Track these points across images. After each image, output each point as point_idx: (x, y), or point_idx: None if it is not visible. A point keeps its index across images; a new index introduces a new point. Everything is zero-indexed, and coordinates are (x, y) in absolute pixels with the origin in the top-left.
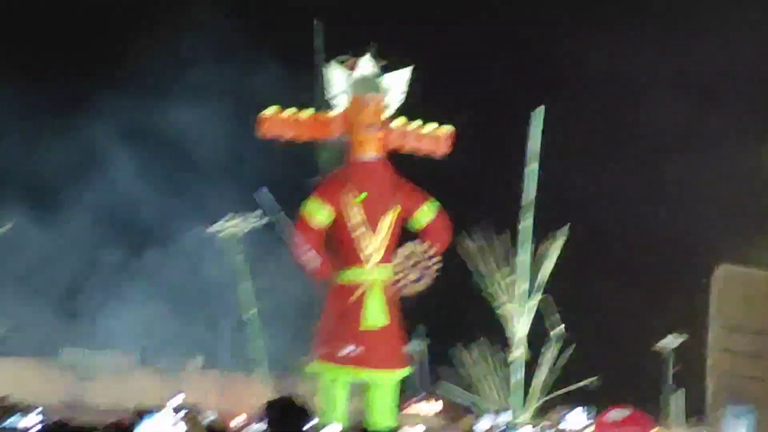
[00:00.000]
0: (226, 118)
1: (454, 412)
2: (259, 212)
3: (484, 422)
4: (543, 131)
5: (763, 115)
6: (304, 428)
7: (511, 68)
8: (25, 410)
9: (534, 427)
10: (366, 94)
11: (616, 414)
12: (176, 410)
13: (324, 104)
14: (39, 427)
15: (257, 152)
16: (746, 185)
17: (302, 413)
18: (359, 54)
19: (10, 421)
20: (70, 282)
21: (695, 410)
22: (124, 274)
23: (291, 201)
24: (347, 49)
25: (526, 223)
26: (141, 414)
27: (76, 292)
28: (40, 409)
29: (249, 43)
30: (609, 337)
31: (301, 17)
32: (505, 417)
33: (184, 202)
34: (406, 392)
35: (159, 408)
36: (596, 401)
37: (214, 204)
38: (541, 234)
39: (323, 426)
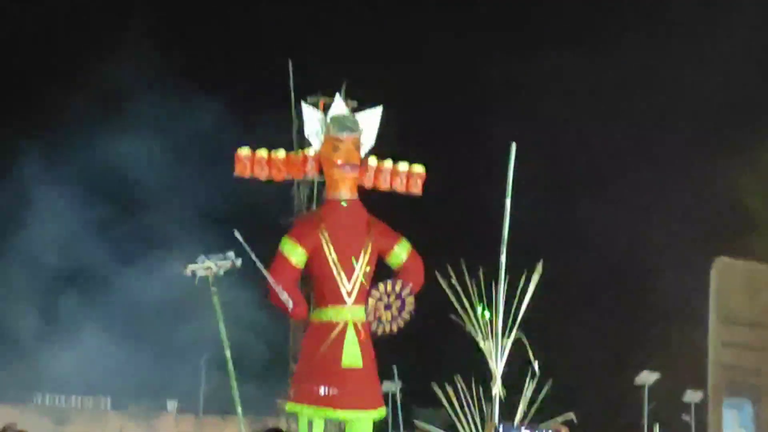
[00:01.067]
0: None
1: None
2: (231, 254)
3: None
4: (516, 167)
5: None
6: None
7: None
8: None
9: None
10: (339, 134)
11: None
12: None
13: (298, 144)
14: None
15: (229, 193)
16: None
17: None
18: (330, 93)
19: None
20: (42, 326)
21: None
22: (96, 318)
23: (264, 242)
24: (317, 89)
25: (501, 260)
26: None
27: (47, 337)
28: None
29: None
30: (586, 372)
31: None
32: None
33: (157, 244)
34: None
35: None
36: None
37: (187, 246)
38: (516, 270)
39: None
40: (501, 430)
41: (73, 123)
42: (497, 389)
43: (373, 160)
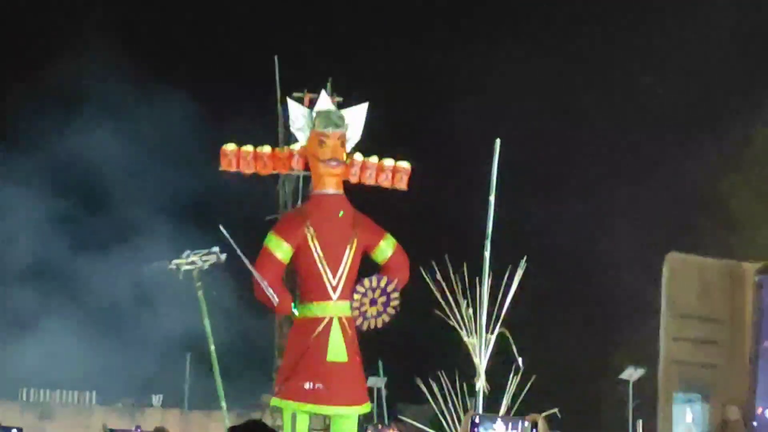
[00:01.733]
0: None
1: None
2: (216, 249)
3: None
4: (500, 163)
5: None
6: None
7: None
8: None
9: None
10: (325, 130)
11: None
12: None
13: (284, 140)
14: None
15: (214, 189)
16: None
17: None
18: (316, 89)
19: None
20: (26, 322)
21: None
22: (80, 313)
23: (249, 238)
24: (303, 85)
25: (485, 255)
26: None
27: (31, 331)
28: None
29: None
30: (569, 368)
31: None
32: None
33: (143, 240)
34: (365, 426)
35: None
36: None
37: (172, 242)
38: (499, 266)
39: None
40: (478, 420)
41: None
42: (481, 384)
43: (358, 156)
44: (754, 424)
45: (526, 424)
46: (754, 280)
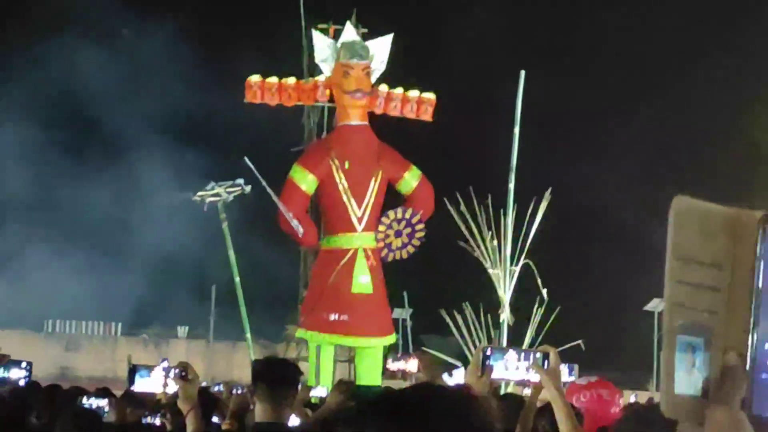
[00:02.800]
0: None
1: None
2: (241, 181)
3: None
4: (525, 95)
5: None
6: (294, 386)
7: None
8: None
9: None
10: (350, 61)
11: (584, 378)
12: (166, 370)
13: (309, 71)
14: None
15: (240, 120)
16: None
17: (291, 371)
18: (340, 21)
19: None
20: (51, 253)
21: None
22: (107, 244)
23: (274, 169)
24: (328, 16)
25: (510, 187)
26: (134, 370)
27: (59, 263)
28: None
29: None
30: (593, 300)
31: None
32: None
33: (165, 170)
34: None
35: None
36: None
37: (197, 172)
38: (524, 198)
39: (310, 389)
40: (489, 352)
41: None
42: (505, 316)
43: (383, 87)
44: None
45: (538, 355)
46: (757, 228)
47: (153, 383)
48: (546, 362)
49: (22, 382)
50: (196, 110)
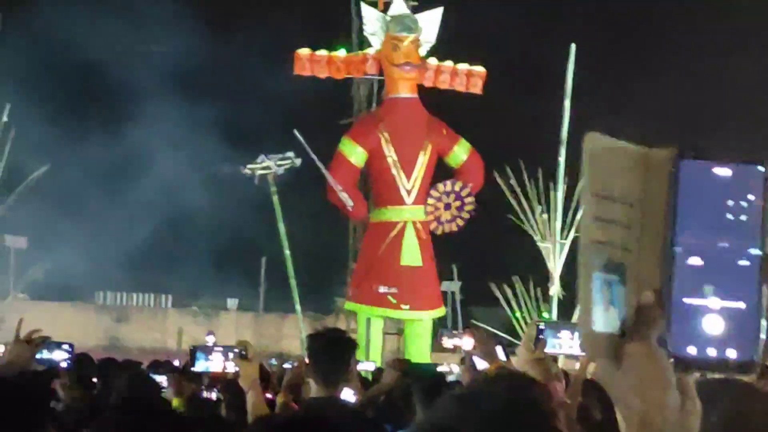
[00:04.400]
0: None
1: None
2: (291, 153)
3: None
4: (576, 68)
5: None
6: (349, 359)
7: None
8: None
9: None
10: (399, 34)
11: None
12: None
13: (358, 44)
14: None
15: (288, 93)
16: None
17: (347, 344)
18: None
19: (43, 356)
20: (104, 227)
21: None
22: (156, 217)
23: (324, 142)
24: None
25: (560, 161)
26: (194, 350)
27: (110, 236)
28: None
29: None
30: None
31: None
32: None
33: (216, 144)
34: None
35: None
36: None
37: (246, 145)
38: (574, 171)
39: (358, 363)
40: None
41: None
42: (555, 289)
43: (433, 60)
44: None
45: None
46: (667, 167)
47: (213, 364)
48: None
49: (64, 364)
50: (247, 84)
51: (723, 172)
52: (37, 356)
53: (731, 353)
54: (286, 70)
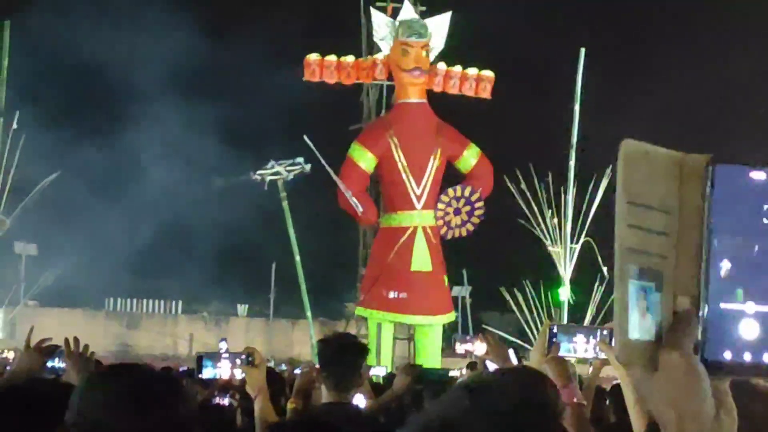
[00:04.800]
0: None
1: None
2: (301, 159)
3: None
4: (585, 72)
5: None
6: (360, 364)
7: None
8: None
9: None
10: (408, 39)
11: None
12: (232, 358)
13: (368, 49)
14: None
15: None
16: None
17: (358, 349)
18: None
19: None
20: (114, 233)
21: None
22: (166, 223)
23: (333, 148)
24: None
25: (570, 165)
26: (201, 358)
27: (120, 243)
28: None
29: None
30: None
31: None
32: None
33: (226, 151)
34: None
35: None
36: None
37: (255, 152)
38: (585, 176)
39: (370, 368)
40: (555, 329)
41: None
42: (566, 294)
43: (442, 65)
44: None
45: (605, 332)
46: (703, 172)
47: (221, 371)
48: (613, 339)
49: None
50: (256, 90)
51: (759, 176)
52: (48, 364)
53: (767, 357)
54: (295, 76)
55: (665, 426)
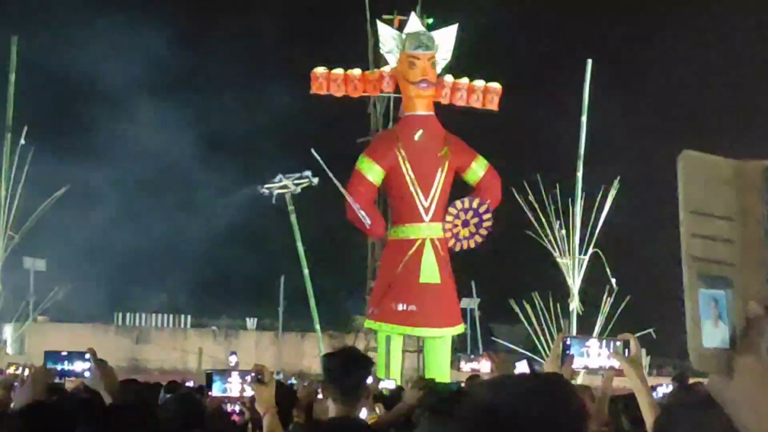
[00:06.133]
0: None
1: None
2: (309, 172)
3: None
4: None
5: None
6: (366, 376)
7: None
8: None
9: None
10: (415, 51)
11: None
12: (244, 372)
13: (374, 62)
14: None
15: (306, 112)
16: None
17: (363, 363)
18: (404, 12)
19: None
20: (121, 247)
21: None
22: (174, 238)
23: (341, 161)
24: (391, 7)
25: (578, 176)
26: (210, 375)
27: (129, 258)
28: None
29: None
30: (663, 288)
31: None
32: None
33: (233, 164)
34: (461, 350)
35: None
36: (652, 351)
37: (264, 165)
38: (592, 187)
39: (380, 381)
40: (569, 341)
41: None
42: (575, 305)
43: (449, 77)
44: None
45: (618, 343)
46: (762, 178)
47: (231, 387)
48: (626, 350)
49: (87, 374)
50: (264, 103)
51: None
52: (59, 367)
53: None
54: (302, 90)
55: (745, 429)
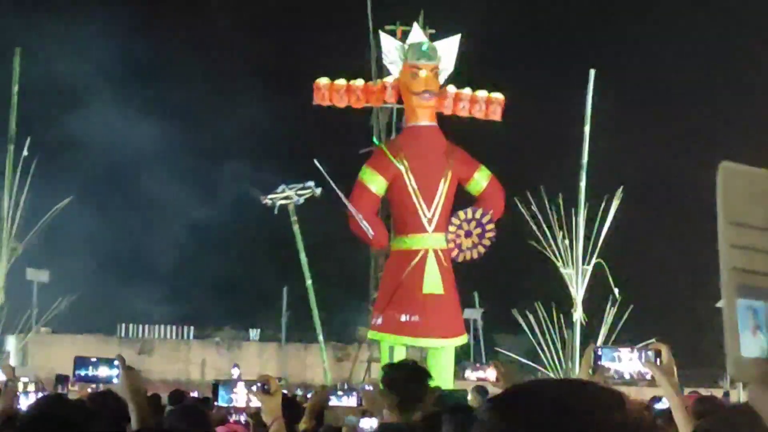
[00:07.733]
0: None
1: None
2: (311, 183)
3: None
4: (595, 94)
5: None
6: (424, 391)
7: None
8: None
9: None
10: (417, 62)
11: None
12: (250, 383)
13: (377, 73)
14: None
15: (309, 123)
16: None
17: (423, 377)
18: (408, 22)
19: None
20: (127, 259)
21: None
22: (177, 249)
23: (344, 171)
24: (395, 18)
25: (581, 186)
26: (216, 385)
27: (132, 268)
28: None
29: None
30: (667, 297)
31: None
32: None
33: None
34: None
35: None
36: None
37: (266, 176)
38: (595, 197)
39: None
40: (600, 351)
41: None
42: (578, 315)
43: (452, 88)
44: None
45: (650, 352)
46: None
47: (236, 398)
48: (658, 359)
49: (115, 380)
50: (265, 114)
51: None
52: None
53: None
54: (305, 100)
55: None
